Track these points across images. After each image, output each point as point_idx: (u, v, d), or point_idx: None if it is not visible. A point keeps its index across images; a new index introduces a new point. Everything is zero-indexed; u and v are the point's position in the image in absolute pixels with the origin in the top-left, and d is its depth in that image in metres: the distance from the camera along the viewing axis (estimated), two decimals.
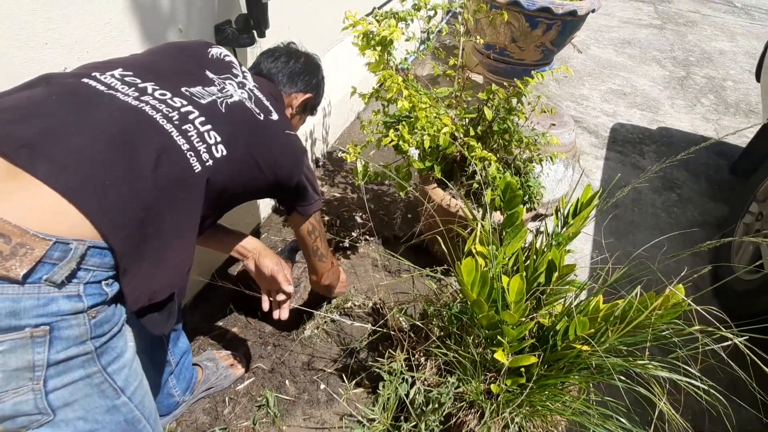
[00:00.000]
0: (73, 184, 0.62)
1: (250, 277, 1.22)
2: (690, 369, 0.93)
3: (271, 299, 1.22)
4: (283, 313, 1.21)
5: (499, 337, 1.04)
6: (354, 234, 1.57)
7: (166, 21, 1.28)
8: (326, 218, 2.07)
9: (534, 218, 2.25)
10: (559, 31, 2.51)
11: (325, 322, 1.61)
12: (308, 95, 1.23)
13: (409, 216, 2.16)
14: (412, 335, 1.32)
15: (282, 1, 1.80)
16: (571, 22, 2.49)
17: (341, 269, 1.53)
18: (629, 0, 5.99)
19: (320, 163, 2.41)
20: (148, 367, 1.18)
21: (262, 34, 1.51)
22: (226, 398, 1.38)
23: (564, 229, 1.23)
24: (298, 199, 1.13)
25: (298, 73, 1.21)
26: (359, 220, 1.58)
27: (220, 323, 1.58)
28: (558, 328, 1.06)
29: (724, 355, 0.90)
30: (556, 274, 1.06)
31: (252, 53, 1.67)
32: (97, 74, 0.79)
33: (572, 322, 0.99)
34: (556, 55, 2.87)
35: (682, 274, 0.96)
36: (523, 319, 1.04)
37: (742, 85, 4.05)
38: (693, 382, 0.92)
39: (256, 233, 1.96)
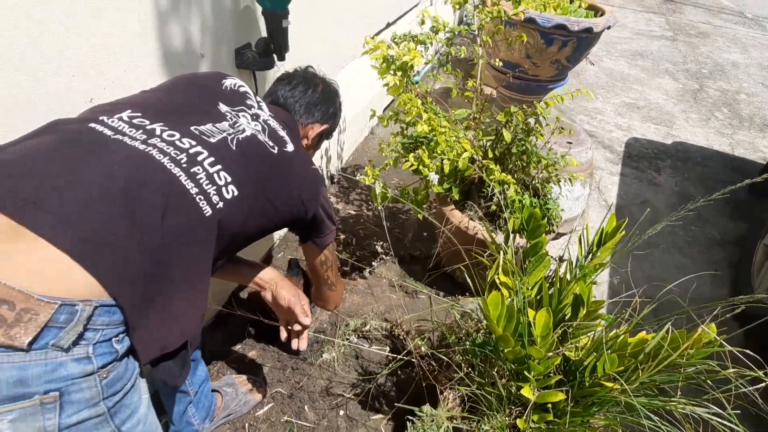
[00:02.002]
0: (78, 242, 0.60)
1: (261, 299, 1.21)
2: (721, 410, 0.91)
3: (289, 329, 1.21)
4: (301, 344, 1.20)
5: (525, 372, 1.02)
6: (374, 264, 1.56)
7: (188, 46, 1.29)
8: (342, 236, 2.06)
9: (553, 238, 2.23)
10: (575, 47, 2.50)
11: (343, 345, 1.60)
12: (325, 126, 1.21)
13: (425, 234, 2.16)
14: (433, 363, 1.31)
15: (299, 21, 1.81)
16: (587, 39, 2.48)
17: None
18: (641, 11, 5.97)
19: (335, 180, 2.41)
20: (167, 398, 1.18)
21: (282, 58, 1.51)
22: (246, 424, 1.38)
23: (589, 259, 1.21)
24: (314, 231, 1.11)
25: (315, 103, 1.19)
26: (380, 249, 1.57)
27: (238, 347, 1.58)
28: (586, 363, 1.04)
29: (757, 397, 0.88)
30: (583, 311, 1.04)
31: (273, 76, 1.68)
32: (105, 118, 0.77)
33: (601, 359, 0.97)
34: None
35: (714, 313, 0.94)
36: (550, 353, 1.03)
37: (755, 98, 4.01)
38: (726, 423, 0.90)
39: (269, 255, 1.96)
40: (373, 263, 1.51)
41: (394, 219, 2.22)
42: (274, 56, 1.50)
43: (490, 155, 1.67)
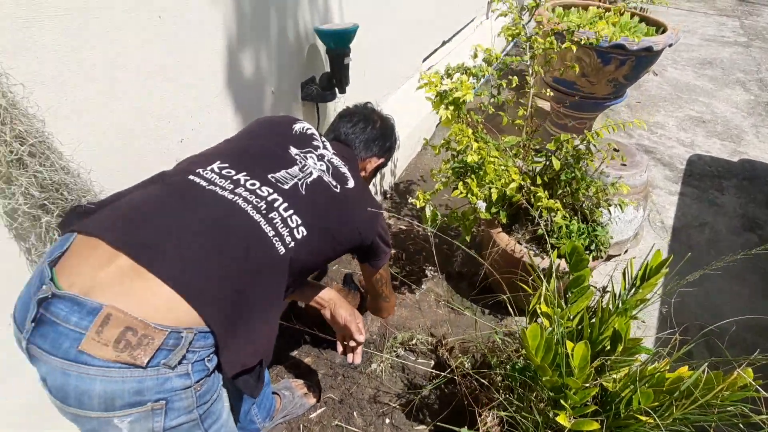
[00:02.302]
0: (183, 281, 0.74)
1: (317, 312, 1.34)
2: None
3: (345, 344, 1.33)
4: (356, 358, 1.32)
5: (561, 400, 1.08)
6: (424, 287, 1.66)
7: (261, 86, 1.45)
8: (393, 251, 2.17)
9: (605, 260, 2.23)
10: (633, 66, 2.46)
11: (390, 357, 1.71)
12: (381, 160, 1.35)
13: (472, 251, 2.22)
14: (475, 383, 1.38)
15: (359, 52, 1.94)
16: (647, 57, 2.44)
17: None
18: (712, 14, 5.66)
19: (388, 195, 2.53)
20: (235, 399, 1.34)
21: (343, 91, 1.64)
22: (301, 425, 1.52)
23: (632, 292, 1.25)
24: (371, 255, 1.24)
25: (374, 139, 1.32)
26: (429, 273, 1.67)
27: (295, 353, 1.73)
28: (623, 395, 1.09)
29: None
30: (621, 346, 1.09)
31: (333, 106, 1.82)
32: (200, 170, 0.92)
33: (636, 392, 1.02)
34: None
35: (751, 358, 0.96)
36: (587, 384, 1.08)
37: None
38: None
39: (324, 268, 2.10)
40: (423, 285, 1.61)
41: (443, 233, 2.30)
42: (336, 89, 1.64)
43: (539, 181, 1.72)
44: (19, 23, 0.78)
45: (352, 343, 1.29)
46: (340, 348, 1.33)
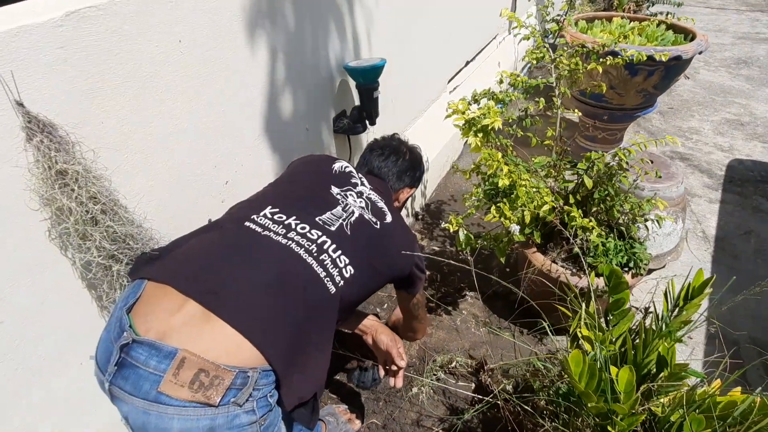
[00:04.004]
0: (247, 324, 0.80)
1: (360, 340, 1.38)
2: None
3: (387, 368, 1.37)
4: (397, 382, 1.36)
5: (609, 427, 1.08)
6: (460, 309, 1.68)
7: (296, 124, 1.52)
8: (427, 273, 2.20)
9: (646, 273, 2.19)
10: (662, 76, 2.44)
11: (431, 381, 1.73)
12: (413, 190, 1.41)
13: (508, 270, 2.22)
14: (518, 408, 1.39)
15: (386, 83, 2.00)
16: (676, 66, 2.41)
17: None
18: (745, 11, 5.50)
19: (419, 217, 2.56)
20: (286, 429, 1.39)
21: (373, 123, 1.70)
22: None
23: (675, 313, 1.23)
24: (408, 284, 1.28)
25: (405, 170, 1.38)
26: (465, 295, 1.69)
27: (337, 377, 1.77)
28: (672, 419, 1.08)
29: None
30: (667, 371, 1.07)
31: (365, 137, 1.88)
32: (254, 216, 0.98)
33: (687, 419, 1.01)
34: None
35: None
36: (634, 410, 1.07)
37: None
38: None
39: None
40: (459, 307, 1.62)
41: (477, 255, 2.31)
42: (366, 122, 1.70)
43: (572, 200, 1.72)
44: (89, 95, 0.87)
45: (394, 368, 1.33)
46: (382, 372, 1.37)
